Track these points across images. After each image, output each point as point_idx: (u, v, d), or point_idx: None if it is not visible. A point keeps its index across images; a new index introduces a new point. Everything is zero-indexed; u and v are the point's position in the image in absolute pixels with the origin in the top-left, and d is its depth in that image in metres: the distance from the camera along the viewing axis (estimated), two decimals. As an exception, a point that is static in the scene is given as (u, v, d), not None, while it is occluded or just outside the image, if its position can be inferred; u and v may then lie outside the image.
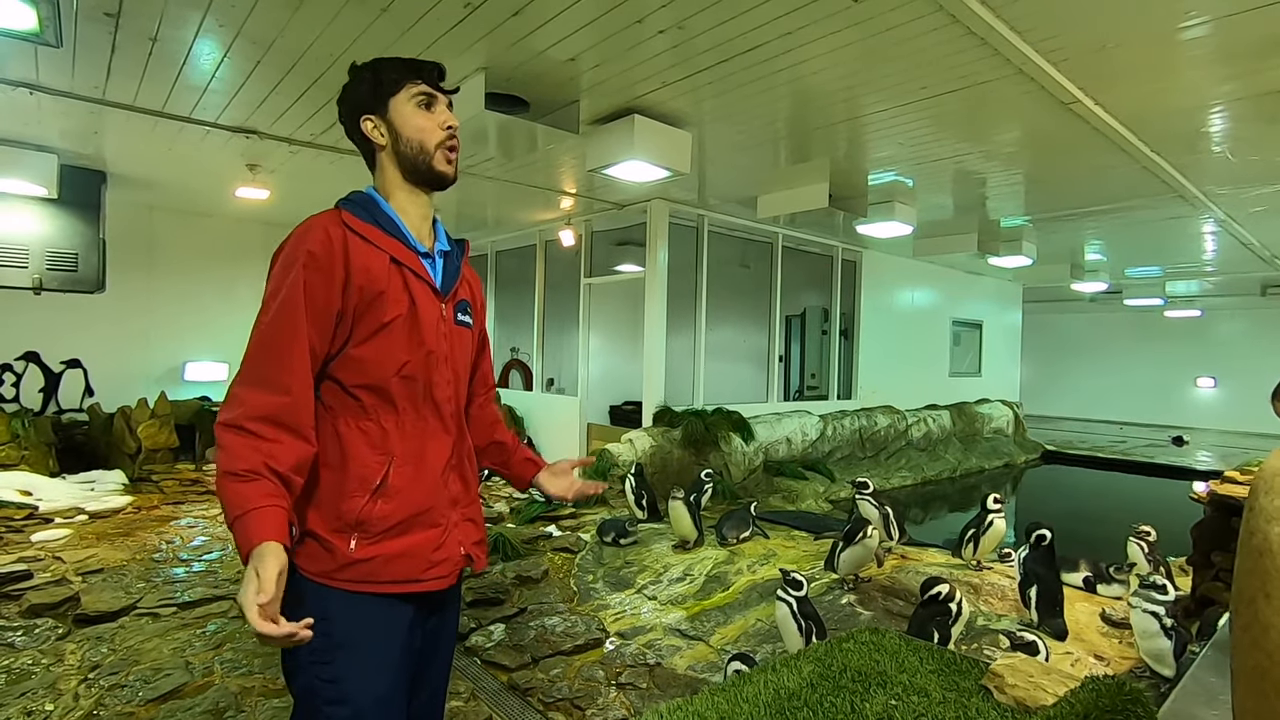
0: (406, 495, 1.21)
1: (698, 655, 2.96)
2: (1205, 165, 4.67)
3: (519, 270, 8.17)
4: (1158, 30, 2.82)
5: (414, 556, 1.22)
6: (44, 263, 5.41)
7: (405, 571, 1.21)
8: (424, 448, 1.25)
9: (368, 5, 2.78)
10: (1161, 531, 3.85)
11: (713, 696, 1.29)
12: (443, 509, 1.26)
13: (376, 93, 1.26)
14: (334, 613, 1.15)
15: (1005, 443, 10.11)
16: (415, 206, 1.29)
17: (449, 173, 1.29)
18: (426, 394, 1.25)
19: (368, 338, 1.19)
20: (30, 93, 3.73)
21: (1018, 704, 1.22)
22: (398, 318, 1.20)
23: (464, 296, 1.36)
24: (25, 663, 2.74)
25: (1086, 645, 3.00)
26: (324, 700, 1.16)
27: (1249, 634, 0.64)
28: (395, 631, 1.22)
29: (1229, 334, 12.78)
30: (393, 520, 1.19)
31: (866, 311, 8.72)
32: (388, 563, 1.19)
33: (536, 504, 5.32)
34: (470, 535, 1.33)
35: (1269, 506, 0.63)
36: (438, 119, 1.27)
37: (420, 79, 1.27)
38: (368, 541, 1.17)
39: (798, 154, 4.73)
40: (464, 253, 1.39)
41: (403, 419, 1.23)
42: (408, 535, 1.21)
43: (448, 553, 1.26)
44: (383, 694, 1.18)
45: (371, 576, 1.18)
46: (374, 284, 1.18)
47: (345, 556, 1.16)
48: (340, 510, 1.17)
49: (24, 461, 5.57)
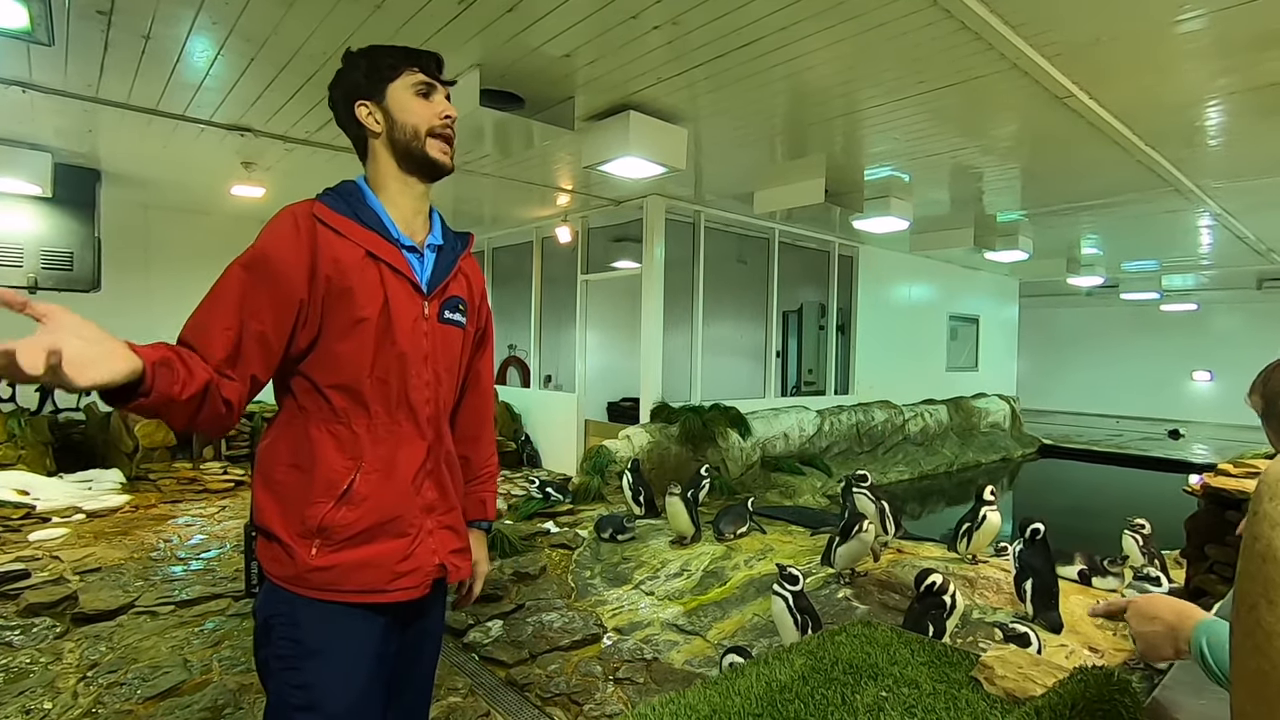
0: (373, 503, 1.17)
1: (695, 650, 2.98)
2: (1201, 159, 4.68)
3: (516, 267, 8.17)
4: (1152, 24, 2.82)
5: (377, 567, 1.17)
6: (39, 262, 5.41)
7: (368, 581, 1.17)
8: (395, 454, 1.20)
9: (361, 1, 2.77)
10: (1157, 524, 3.87)
11: (705, 690, 1.30)
12: (413, 517, 1.22)
13: (373, 78, 1.23)
14: (301, 619, 1.14)
15: (1002, 437, 10.14)
16: (408, 197, 1.25)
17: (443, 161, 1.25)
18: (401, 396, 1.21)
19: (341, 335, 1.16)
20: (23, 91, 3.72)
21: (1007, 695, 1.23)
22: (369, 316, 1.16)
23: (456, 293, 1.30)
24: (24, 661, 2.75)
25: (1081, 638, 3.01)
26: (293, 707, 1.14)
27: (1251, 639, 0.65)
28: (367, 640, 1.19)
29: (1225, 328, 12.81)
30: (356, 528, 1.15)
31: (863, 307, 8.73)
32: (349, 572, 1.15)
33: (535, 500, 5.33)
34: (447, 543, 1.28)
35: (1273, 512, 0.64)
36: (435, 107, 1.24)
37: (419, 67, 1.24)
38: (329, 549, 1.14)
39: (794, 149, 4.73)
40: (465, 248, 1.34)
41: (375, 422, 1.19)
42: (371, 545, 1.17)
43: (417, 563, 1.21)
44: (353, 702, 1.16)
45: (333, 585, 1.15)
46: (343, 277, 1.14)
47: (305, 563, 1.13)
48: (304, 515, 1.14)
49: (21, 461, 5.56)
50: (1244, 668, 0.67)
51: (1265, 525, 0.64)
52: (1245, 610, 0.66)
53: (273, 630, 1.17)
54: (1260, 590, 0.64)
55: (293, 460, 1.17)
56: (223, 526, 4.81)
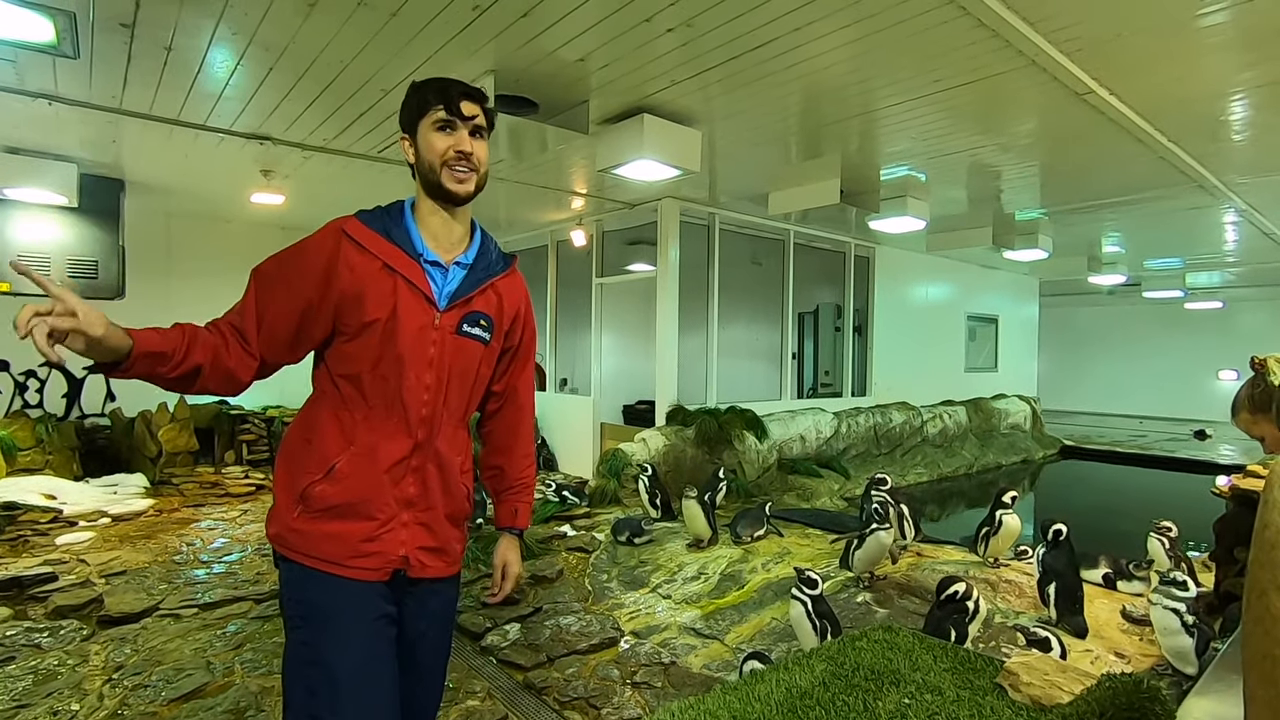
0: (350, 483, 1.31)
1: (713, 654, 2.96)
2: (1226, 154, 4.59)
3: (531, 271, 8.17)
4: (1174, 18, 2.77)
5: (341, 541, 1.30)
6: (65, 270, 5.50)
7: (332, 553, 1.30)
8: (380, 444, 1.33)
9: (377, 10, 2.80)
10: (1184, 527, 3.79)
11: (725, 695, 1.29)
12: (384, 505, 1.33)
13: (410, 115, 1.38)
14: (298, 581, 1.31)
15: (1023, 438, 10.00)
16: (436, 219, 1.39)
17: (456, 191, 1.36)
18: (396, 395, 1.33)
19: (353, 335, 1.31)
20: (49, 103, 3.80)
21: (1033, 702, 1.21)
22: (377, 320, 1.30)
23: (481, 309, 1.40)
24: (51, 663, 2.80)
25: (1107, 643, 2.96)
26: (303, 661, 1.29)
27: (1261, 625, 0.64)
28: (361, 609, 1.31)
29: (1252, 325, 12.54)
30: (330, 502, 1.30)
31: (880, 307, 8.66)
32: (318, 540, 1.30)
33: (551, 504, 5.33)
34: (419, 539, 1.37)
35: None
36: (451, 142, 1.35)
37: (443, 104, 1.35)
38: (307, 516, 1.30)
39: (809, 150, 4.70)
40: (505, 269, 1.46)
41: (371, 413, 1.33)
42: (340, 521, 1.30)
43: (380, 547, 1.33)
44: (357, 663, 1.28)
45: (304, 548, 1.30)
46: (356, 284, 1.30)
47: (286, 524, 1.31)
48: (297, 481, 1.31)
49: (48, 466, 5.67)
50: (1255, 652, 0.66)
51: (1275, 513, 0.63)
52: (1256, 596, 0.66)
53: (284, 590, 1.35)
54: (1270, 577, 0.64)
55: (304, 434, 1.36)
56: (244, 530, 4.86)
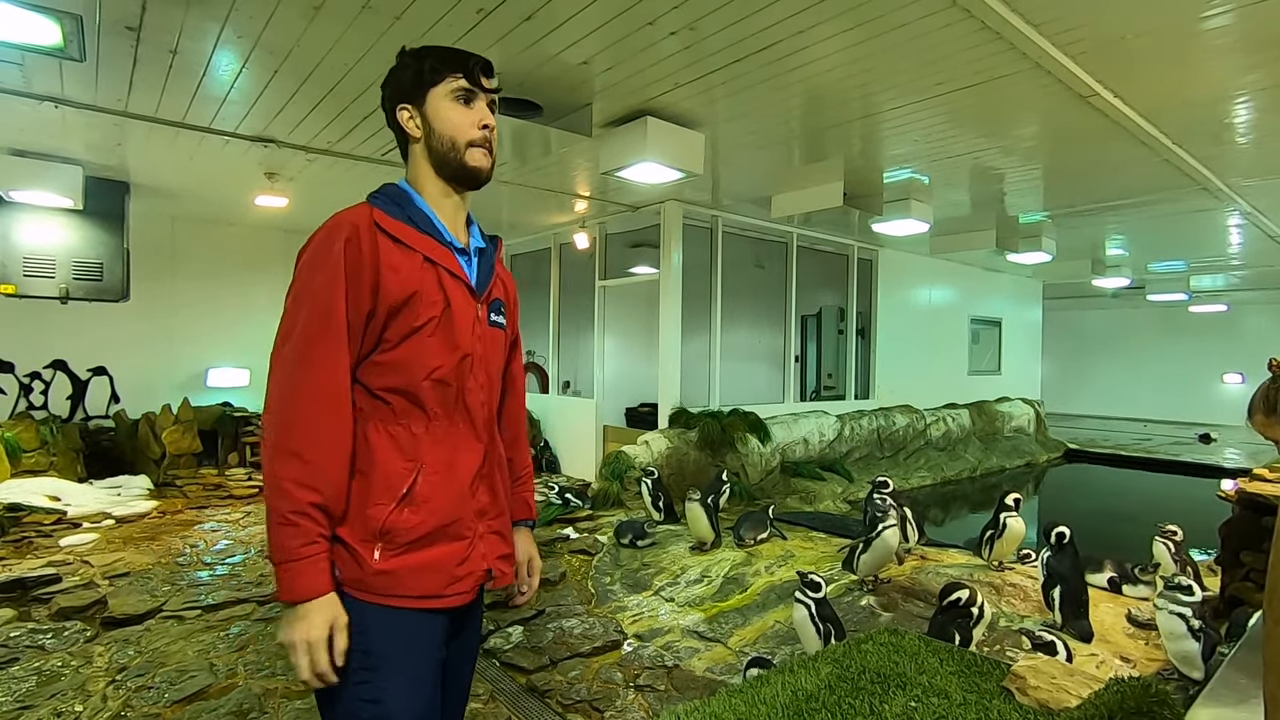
0: (434, 505, 1.15)
1: (716, 657, 2.95)
2: (1230, 156, 4.58)
3: (534, 273, 8.20)
4: (1178, 20, 2.77)
5: (438, 571, 1.16)
6: (70, 272, 5.52)
7: (428, 586, 1.15)
8: (454, 456, 1.19)
9: (381, 14, 2.80)
10: (1189, 530, 3.78)
11: (730, 698, 1.28)
12: (469, 521, 1.21)
13: (417, 82, 1.21)
14: (370, 627, 1.11)
15: (1026, 441, 9.97)
16: (450, 203, 1.25)
17: (483, 168, 1.23)
18: (459, 399, 1.20)
19: (399, 342, 1.14)
20: (56, 106, 3.82)
21: (1040, 706, 1.20)
22: (431, 320, 1.15)
23: (498, 296, 1.30)
24: (55, 665, 2.80)
25: (1112, 647, 2.94)
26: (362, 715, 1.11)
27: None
28: (430, 647, 1.17)
29: (1257, 328, 12.50)
30: (418, 532, 1.14)
31: (883, 310, 8.65)
32: (411, 576, 1.13)
33: (554, 506, 5.33)
34: (495, 549, 1.27)
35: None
36: (474, 116, 1.22)
37: (462, 73, 1.21)
38: (392, 553, 1.12)
39: (812, 153, 4.70)
40: (497, 250, 1.34)
41: (434, 425, 1.17)
42: (433, 548, 1.15)
43: (471, 567, 1.21)
44: (421, 711, 1.14)
45: (395, 590, 1.13)
46: (405, 286, 1.14)
47: (370, 567, 1.11)
48: (366, 517, 1.12)
49: (53, 468, 5.69)
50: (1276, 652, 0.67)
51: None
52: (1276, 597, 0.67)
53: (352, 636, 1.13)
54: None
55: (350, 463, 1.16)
56: (247, 532, 4.87)
